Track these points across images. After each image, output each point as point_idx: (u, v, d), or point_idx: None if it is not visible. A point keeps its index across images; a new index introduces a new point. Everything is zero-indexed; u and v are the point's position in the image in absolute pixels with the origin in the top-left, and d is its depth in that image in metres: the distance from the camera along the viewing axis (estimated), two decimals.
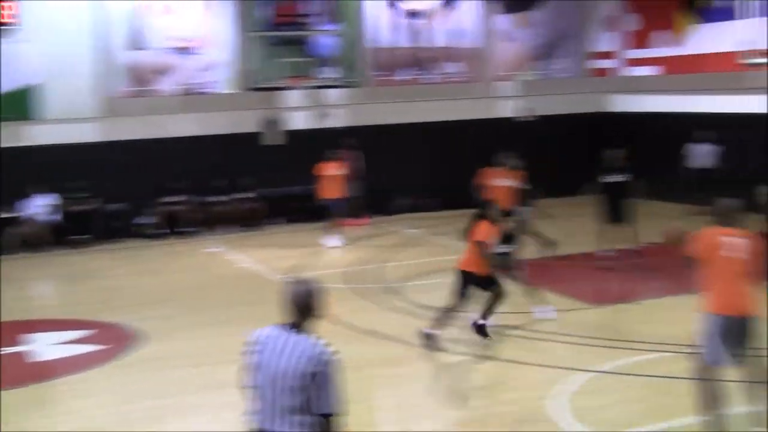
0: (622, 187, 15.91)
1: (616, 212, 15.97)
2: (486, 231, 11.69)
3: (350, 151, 21.22)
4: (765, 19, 19.27)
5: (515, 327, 12.63)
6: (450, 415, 9.60)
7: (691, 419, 8.85)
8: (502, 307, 12.39)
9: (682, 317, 12.75)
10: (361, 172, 21.60)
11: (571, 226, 19.08)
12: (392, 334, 12.45)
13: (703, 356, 8.21)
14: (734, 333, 8.06)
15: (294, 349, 5.33)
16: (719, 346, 8.09)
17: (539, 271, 14.65)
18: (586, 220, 17.73)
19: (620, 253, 16.16)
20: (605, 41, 26.26)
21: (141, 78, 22.37)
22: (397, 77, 24.69)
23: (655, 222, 15.88)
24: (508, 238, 12.84)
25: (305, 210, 22.17)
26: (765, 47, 18.53)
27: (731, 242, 8.07)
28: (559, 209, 19.75)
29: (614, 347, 11.44)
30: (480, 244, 11.60)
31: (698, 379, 8.29)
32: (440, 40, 25.05)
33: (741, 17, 19.28)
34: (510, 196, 15.02)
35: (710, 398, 8.20)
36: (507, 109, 25.63)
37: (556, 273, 15.98)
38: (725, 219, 8.23)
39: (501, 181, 15.19)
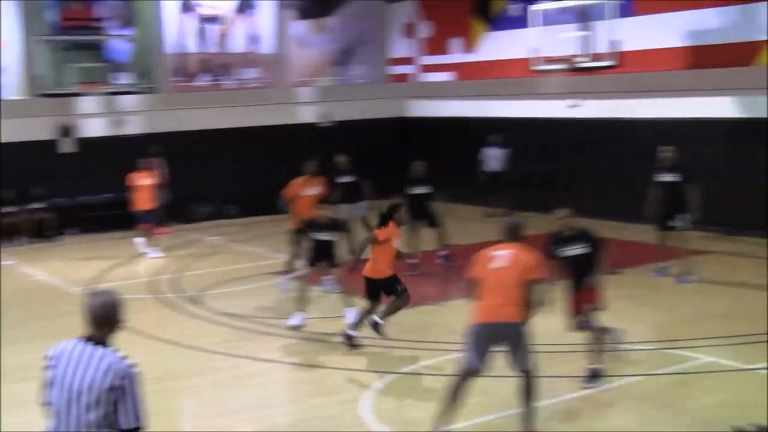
0: (426, 198, 16.23)
1: (423, 220, 16.21)
2: (391, 232, 11.78)
3: (154, 159, 20.89)
4: (554, 27, 19.99)
5: (324, 333, 12.62)
6: (257, 423, 9.45)
7: (494, 416, 9.08)
8: (311, 312, 12.44)
9: None
10: (165, 179, 21.27)
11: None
12: (195, 343, 12.22)
13: (461, 361, 8.53)
14: (486, 338, 8.35)
15: (93, 363, 5.12)
16: (474, 352, 8.39)
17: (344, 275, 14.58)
18: None
19: (425, 257, 16.39)
20: (402, 47, 26.69)
21: None
22: (195, 83, 24.30)
23: (459, 225, 16.28)
24: (330, 226, 12.98)
25: (101, 220, 21.68)
26: (554, 54, 19.21)
27: (500, 255, 8.47)
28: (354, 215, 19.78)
29: (420, 348, 11.57)
30: (385, 242, 11.68)
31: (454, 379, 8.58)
32: (237, 46, 24.83)
33: (532, 25, 19.93)
34: (314, 203, 14.94)
35: (450, 401, 8.44)
36: (306, 114, 25.69)
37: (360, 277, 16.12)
38: (508, 236, 8.67)
39: (307, 190, 15.11)
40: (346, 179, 17.73)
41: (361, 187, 17.79)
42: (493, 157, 22.13)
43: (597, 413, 9.24)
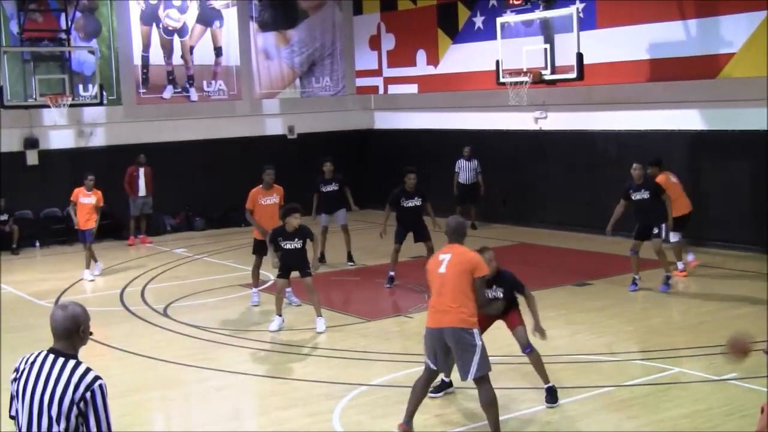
0: (419, 211, 16.04)
1: (415, 233, 16.04)
2: None
3: (139, 167, 21.83)
4: (518, 39, 20.10)
5: (293, 344, 12.59)
6: None
7: (469, 428, 9.07)
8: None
9: None
10: (150, 189, 22.01)
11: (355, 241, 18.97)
12: (164, 356, 12.12)
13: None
14: (435, 343, 8.48)
15: (59, 376, 5.06)
16: (428, 353, 8.62)
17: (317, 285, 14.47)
18: (366, 235, 17.98)
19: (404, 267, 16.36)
20: (368, 59, 26.70)
21: None
22: (160, 95, 24.17)
23: (435, 238, 16.10)
24: (297, 234, 13.17)
25: (66, 232, 21.53)
26: (519, 66, 19.30)
27: (444, 258, 8.50)
28: (335, 224, 19.72)
29: (391, 360, 11.56)
30: None
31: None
32: (202, 58, 24.73)
33: (496, 38, 20.00)
34: (274, 212, 14.87)
35: (412, 398, 8.75)
36: (272, 126, 25.70)
37: (334, 288, 16.15)
38: (453, 236, 8.69)
39: (265, 200, 15.01)
40: (330, 188, 17.95)
41: (344, 196, 18.00)
42: (466, 169, 22.14)
43: (568, 425, 9.23)
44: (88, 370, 5.10)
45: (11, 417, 5.23)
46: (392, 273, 16.02)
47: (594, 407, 9.69)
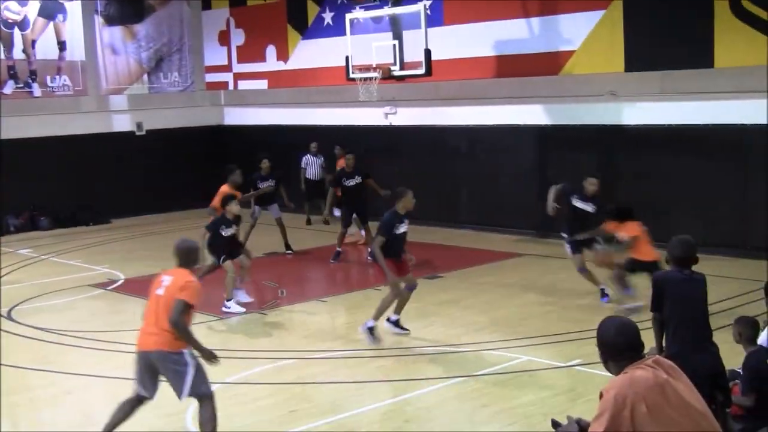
0: (360, 189, 17.51)
1: (359, 212, 17.63)
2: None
3: None
4: (367, 35, 20.21)
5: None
6: None
7: (319, 423, 9.13)
8: (126, 325, 12.15)
9: (301, 324, 13.18)
10: None
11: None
12: (9, 361, 11.71)
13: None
14: (143, 366, 8.35)
15: None
16: (137, 378, 8.42)
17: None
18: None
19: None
20: (217, 55, 26.43)
21: None
22: (1, 90, 23.29)
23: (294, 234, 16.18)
24: (237, 221, 14.29)
25: None
26: (369, 62, 19.42)
27: (164, 280, 8.27)
28: (186, 222, 19.59)
29: (245, 357, 11.50)
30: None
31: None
32: (45, 53, 23.98)
33: (346, 33, 20.07)
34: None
35: (115, 415, 8.52)
36: (120, 123, 25.14)
37: None
38: (180, 260, 8.42)
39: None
40: (266, 184, 18.30)
41: (279, 191, 18.40)
42: (313, 165, 22.19)
43: (424, 415, 9.40)
44: None
45: None
46: (339, 249, 17.56)
47: (448, 397, 9.89)
